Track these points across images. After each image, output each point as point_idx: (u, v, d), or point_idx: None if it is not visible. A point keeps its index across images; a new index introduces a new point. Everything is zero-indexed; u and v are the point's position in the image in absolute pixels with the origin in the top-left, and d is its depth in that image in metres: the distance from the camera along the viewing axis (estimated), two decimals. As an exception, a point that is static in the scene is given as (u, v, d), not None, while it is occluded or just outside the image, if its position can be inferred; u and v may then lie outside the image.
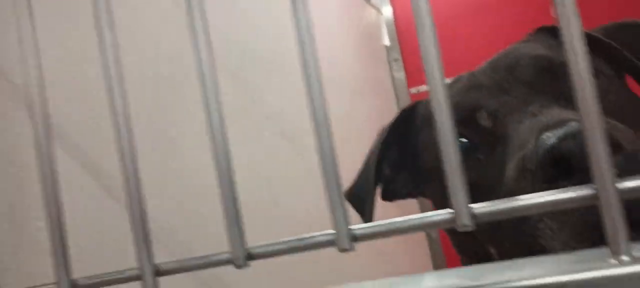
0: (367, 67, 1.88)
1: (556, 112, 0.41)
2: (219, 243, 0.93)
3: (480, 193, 0.36)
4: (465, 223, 0.18)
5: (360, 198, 0.62)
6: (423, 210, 1.48)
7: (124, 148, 0.28)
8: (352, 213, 0.61)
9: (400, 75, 2.10)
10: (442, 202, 0.57)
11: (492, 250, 0.47)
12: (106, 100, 0.27)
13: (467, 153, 0.49)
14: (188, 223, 0.79)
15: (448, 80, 0.62)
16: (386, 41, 2.12)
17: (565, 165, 0.34)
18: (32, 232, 0.54)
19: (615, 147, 0.34)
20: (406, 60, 2.11)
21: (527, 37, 0.60)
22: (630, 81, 0.57)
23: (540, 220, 0.37)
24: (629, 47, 0.55)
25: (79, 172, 0.63)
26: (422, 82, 2.06)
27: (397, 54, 2.11)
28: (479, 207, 0.18)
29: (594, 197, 0.17)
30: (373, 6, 2.09)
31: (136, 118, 0.30)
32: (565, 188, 0.18)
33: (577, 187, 0.17)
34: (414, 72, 2.09)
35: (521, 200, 0.18)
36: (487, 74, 0.53)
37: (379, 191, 0.64)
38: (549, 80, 0.48)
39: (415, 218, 0.20)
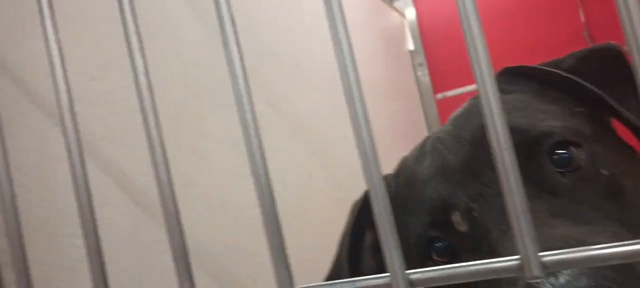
0: (391, 71, 1.87)
1: (540, 226, 0.35)
2: (260, 272, 0.92)
3: None
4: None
5: None
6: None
7: (160, 175, 0.28)
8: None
9: (426, 80, 2.08)
10: None
11: None
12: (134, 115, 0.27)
13: (452, 256, 0.43)
14: (225, 247, 0.80)
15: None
16: (410, 45, 2.11)
17: None
18: (67, 249, 0.55)
19: None
20: (431, 65, 2.09)
21: None
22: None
23: None
24: (599, 80, 0.46)
25: (114, 189, 0.64)
26: (448, 88, 2.04)
27: (421, 58, 2.09)
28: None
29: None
30: (396, 10, 2.08)
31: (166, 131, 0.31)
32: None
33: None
34: (440, 78, 2.07)
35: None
36: (452, 146, 0.45)
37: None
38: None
39: (478, 264, 0.20)
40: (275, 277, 0.24)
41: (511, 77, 0.49)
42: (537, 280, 0.27)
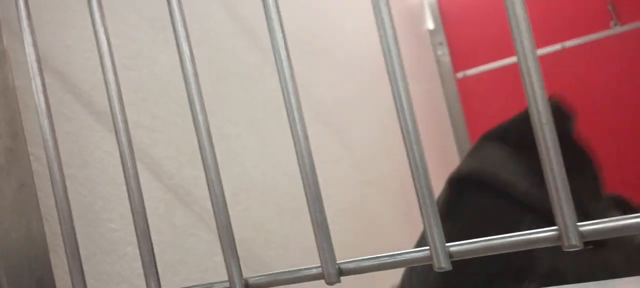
0: (411, 51, 1.86)
1: None
2: (286, 252, 0.94)
3: None
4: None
5: None
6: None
7: (208, 163, 0.29)
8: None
9: (446, 59, 2.07)
10: None
11: None
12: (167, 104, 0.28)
13: None
14: (251, 229, 0.81)
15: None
16: (430, 24, 2.09)
17: None
18: (105, 233, 0.57)
19: None
20: (451, 44, 2.08)
21: (471, 159, 0.48)
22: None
23: None
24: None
25: (144, 174, 0.66)
26: (469, 66, 2.02)
27: (441, 38, 2.08)
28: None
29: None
30: (415, -10, 2.06)
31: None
32: None
33: None
34: (460, 56, 2.05)
35: None
36: None
37: None
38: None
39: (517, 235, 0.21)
40: (319, 252, 0.25)
41: (463, 188, 0.48)
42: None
